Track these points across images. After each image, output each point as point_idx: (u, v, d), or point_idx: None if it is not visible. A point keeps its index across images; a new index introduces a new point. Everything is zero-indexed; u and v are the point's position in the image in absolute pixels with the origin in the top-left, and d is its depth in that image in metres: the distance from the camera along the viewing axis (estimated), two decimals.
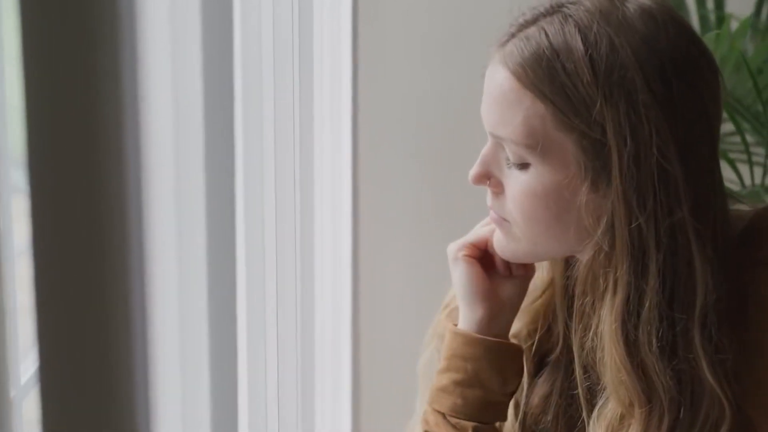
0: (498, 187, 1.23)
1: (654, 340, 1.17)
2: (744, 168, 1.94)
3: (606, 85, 1.14)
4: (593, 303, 1.21)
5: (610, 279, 1.18)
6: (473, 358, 1.28)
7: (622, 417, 1.21)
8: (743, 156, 1.91)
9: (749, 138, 1.93)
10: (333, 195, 2.00)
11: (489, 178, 1.23)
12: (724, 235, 1.20)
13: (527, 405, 1.32)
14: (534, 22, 1.19)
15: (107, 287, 0.76)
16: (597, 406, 1.24)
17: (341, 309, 2.16)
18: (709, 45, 1.80)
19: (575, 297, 1.24)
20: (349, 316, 2.23)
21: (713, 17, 2.11)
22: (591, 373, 1.25)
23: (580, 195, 1.17)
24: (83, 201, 0.74)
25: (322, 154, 1.85)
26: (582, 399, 1.26)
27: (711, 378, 1.17)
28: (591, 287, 1.21)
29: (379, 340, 2.36)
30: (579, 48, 1.15)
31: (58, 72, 0.73)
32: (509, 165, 1.21)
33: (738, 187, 1.94)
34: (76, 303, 0.76)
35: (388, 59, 2.28)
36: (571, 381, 1.29)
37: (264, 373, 1.46)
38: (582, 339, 1.23)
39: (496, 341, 1.28)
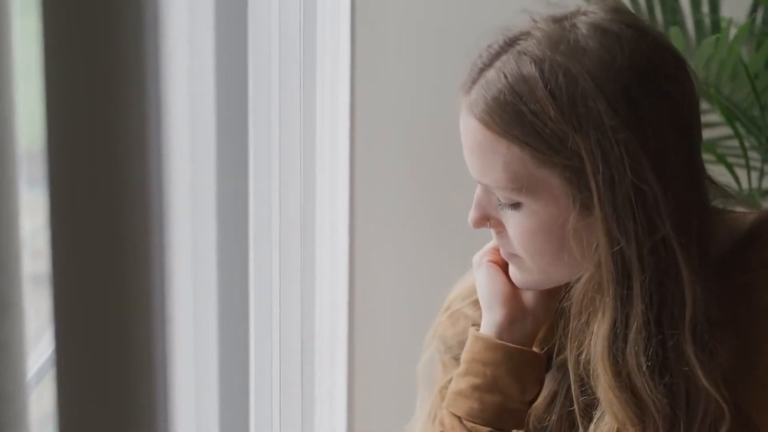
0: (499, 227, 1.24)
1: (643, 360, 1.17)
2: (741, 172, 1.95)
3: (572, 117, 1.14)
4: (587, 322, 1.21)
5: (598, 302, 1.19)
6: (493, 363, 1.27)
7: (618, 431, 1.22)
8: (741, 160, 1.92)
9: (746, 142, 1.94)
10: (330, 196, 2.00)
11: (488, 219, 1.24)
12: (713, 239, 1.20)
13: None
14: (491, 64, 1.19)
15: (126, 285, 0.76)
16: (594, 418, 1.24)
17: (337, 309, 2.16)
18: (708, 50, 1.83)
19: (571, 317, 1.24)
20: (345, 316, 2.24)
21: (708, 21, 2.11)
22: (587, 387, 1.25)
23: (573, 222, 1.17)
24: (104, 199, 0.75)
25: (321, 155, 1.86)
26: (577, 414, 1.25)
27: (707, 383, 1.17)
28: (585, 308, 1.21)
29: (374, 340, 2.36)
30: (539, 85, 1.14)
31: (79, 71, 0.73)
32: (502, 206, 1.22)
33: (734, 191, 1.94)
34: (94, 303, 0.76)
35: (385, 61, 2.28)
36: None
37: (269, 375, 1.46)
38: (577, 357, 1.24)
39: (516, 348, 1.27)
